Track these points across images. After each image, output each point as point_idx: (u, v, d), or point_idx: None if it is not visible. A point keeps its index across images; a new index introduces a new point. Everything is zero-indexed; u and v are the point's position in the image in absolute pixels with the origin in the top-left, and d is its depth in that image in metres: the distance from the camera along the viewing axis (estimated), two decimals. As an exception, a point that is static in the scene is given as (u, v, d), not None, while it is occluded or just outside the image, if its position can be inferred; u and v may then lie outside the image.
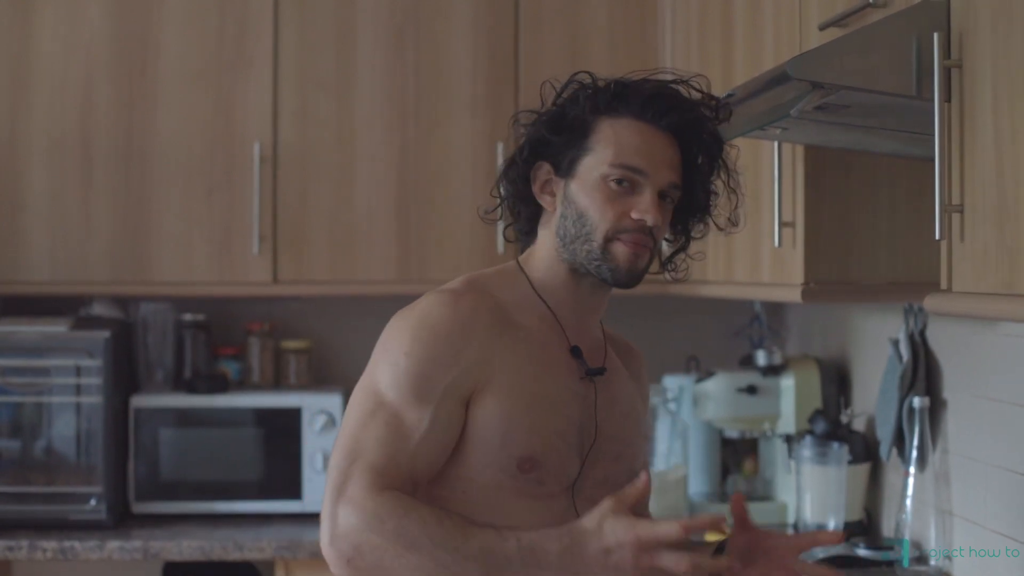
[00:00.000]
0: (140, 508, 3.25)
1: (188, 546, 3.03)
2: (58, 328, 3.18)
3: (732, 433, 3.27)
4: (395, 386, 1.72)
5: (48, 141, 3.26)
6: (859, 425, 2.98)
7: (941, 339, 2.61)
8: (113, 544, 3.03)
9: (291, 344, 3.53)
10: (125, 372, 3.33)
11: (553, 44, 3.31)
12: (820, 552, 2.68)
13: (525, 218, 1.87)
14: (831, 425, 2.92)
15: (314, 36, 3.29)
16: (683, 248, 1.91)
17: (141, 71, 3.27)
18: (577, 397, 1.80)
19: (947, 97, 1.58)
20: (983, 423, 2.45)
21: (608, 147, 1.77)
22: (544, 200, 1.84)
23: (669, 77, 1.82)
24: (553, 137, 1.81)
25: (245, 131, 3.27)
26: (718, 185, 1.84)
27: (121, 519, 3.23)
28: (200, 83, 3.28)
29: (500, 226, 2.00)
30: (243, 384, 3.51)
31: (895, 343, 2.70)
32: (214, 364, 3.51)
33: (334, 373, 3.61)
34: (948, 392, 2.59)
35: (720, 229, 1.91)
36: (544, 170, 1.82)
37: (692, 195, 1.83)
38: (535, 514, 1.72)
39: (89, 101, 3.26)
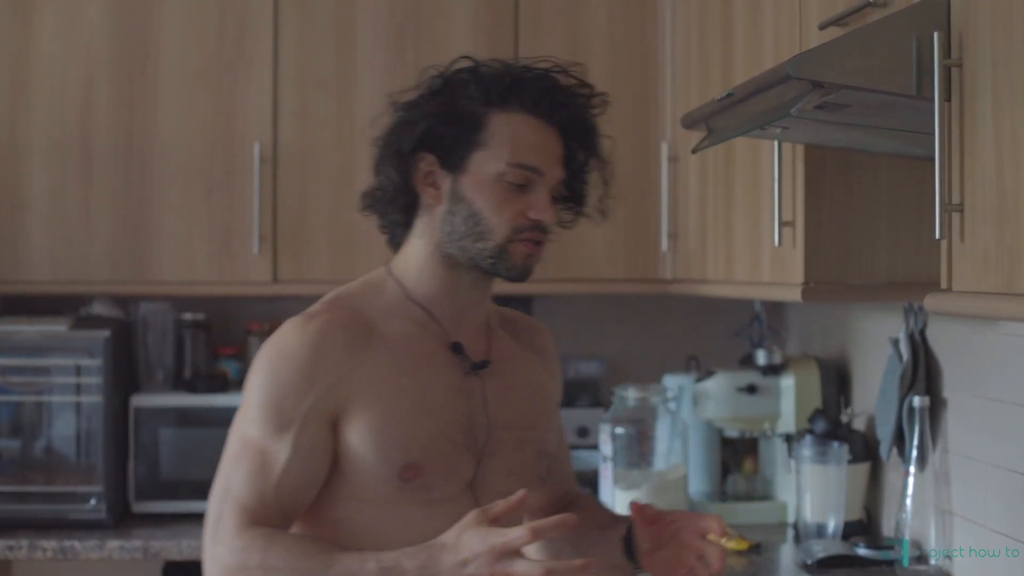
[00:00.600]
0: (140, 507, 3.25)
1: (188, 545, 3.03)
2: (58, 328, 3.18)
3: (732, 432, 3.27)
4: (254, 421, 1.72)
5: (48, 141, 3.26)
6: (859, 424, 2.99)
7: (941, 339, 2.62)
8: (113, 544, 3.03)
9: (291, 344, 3.52)
10: (125, 372, 3.33)
11: (553, 44, 3.31)
12: (820, 551, 2.68)
13: (401, 209, 1.82)
14: (831, 424, 2.92)
15: (314, 36, 3.29)
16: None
17: (141, 71, 3.27)
18: (463, 393, 1.78)
19: (947, 96, 1.58)
20: (983, 423, 2.45)
21: (504, 145, 1.74)
22: (427, 193, 1.78)
23: (547, 65, 1.80)
24: (444, 129, 1.75)
25: (245, 131, 3.27)
26: (592, 176, 1.86)
27: (121, 519, 3.23)
28: (200, 83, 3.28)
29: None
30: (243, 384, 3.50)
31: (895, 342, 2.70)
32: (214, 364, 3.51)
33: (334, 373, 3.61)
34: (948, 391, 2.59)
35: (590, 219, 1.90)
36: (427, 161, 1.77)
37: (570, 187, 1.83)
38: (434, 520, 1.70)
39: (89, 101, 3.26)
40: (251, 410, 1.74)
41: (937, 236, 1.58)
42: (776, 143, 2.31)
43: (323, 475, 1.73)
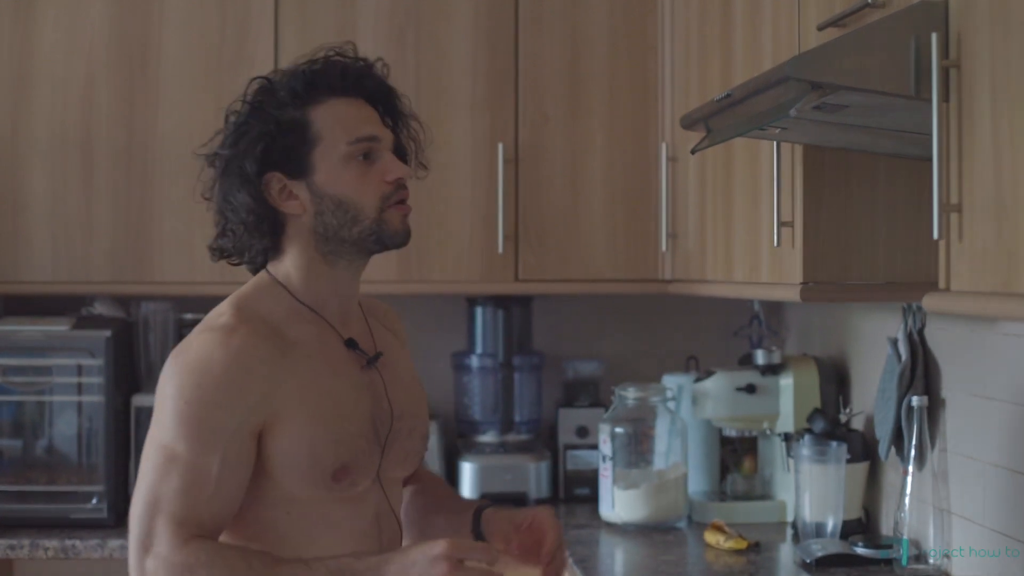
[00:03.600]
0: (141, 507, 3.25)
1: (189, 545, 3.04)
2: (59, 327, 3.19)
3: (731, 432, 3.27)
4: (183, 437, 1.75)
5: (49, 141, 3.26)
6: (858, 424, 2.99)
7: (939, 338, 2.62)
8: (114, 543, 3.04)
9: (291, 343, 3.53)
10: (126, 371, 3.34)
11: (553, 44, 3.32)
12: (819, 550, 2.69)
13: (269, 234, 1.87)
14: (830, 424, 2.93)
15: (315, 36, 3.29)
16: None
17: (142, 71, 3.28)
18: (365, 389, 1.88)
19: (945, 97, 1.58)
20: (981, 422, 2.45)
21: (335, 129, 1.83)
22: (289, 207, 1.85)
23: (324, 53, 1.89)
24: (276, 144, 1.82)
25: (246, 131, 3.27)
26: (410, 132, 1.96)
27: (122, 518, 3.22)
28: (201, 83, 3.28)
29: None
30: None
31: (894, 342, 2.70)
32: (215, 363, 3.51)
33: (334, 372, 3.62)
34: (947, 391, 2.60)
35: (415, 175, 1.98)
36: (276, 179, 1.84)
37: (398, 145, 1.93)
38: (354, 511, 1.85)
39: (90, 101, 3.27)
40: (175, 424, 1.75)
41: (935, 236, 1.58)
42: (775, 143, 2.32)
43: (247, 482, 1.79)
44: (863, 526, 2.92)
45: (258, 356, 1.78)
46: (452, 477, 3.47)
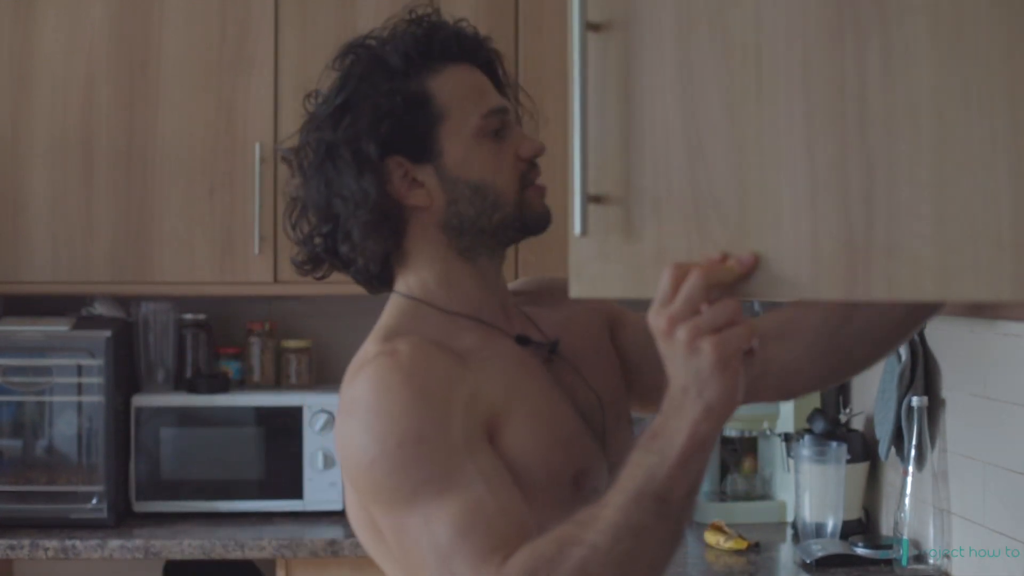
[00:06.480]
0: (141, 507, 3.26)
1: (189, 545, 3.04)
2: (59, 328, 3.19)
3: (731, 432, 3.27)
4: (420, 483, 1.37)
5: (49, 141, 3.26)
6: (858, 424, 2.99)
7: (940, 338, 2.62)
8: (114, 543, 3.04)
9: (292, 343, 3.53)
10: (126, 371, 3.34)
11: (553, 44, 3.32)
12: (819, 551, 2.69)
13: (391, 233, 1.52)
14: (830, 424, 2.93)
15: (315, 37, 3.30)
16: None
17: (142, 71, 3.28)
18: (558, 385, 1.54)
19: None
20: (981, 422, 2.45)
21: (462, 102, 1.53)
22: (416, 197, 1.52)
23: (422, 11, 1.61)
24: (398, 121, 1.50)
25: (246, 131, 3.27)
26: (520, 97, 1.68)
27: (122, 518, 3.24)
28: (201, 84, 3.28)
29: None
30: (244, 383, 3.52)
31: (894, 342, 2.71)
32: (215, 363, 3.52)
33: (335, 372, 3.62)
34: (947, 391, 2.60)
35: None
36: (398, 163, 1.51)
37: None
38: None
39: (90, 101, 3.27)
40: (400, 479, 1.38)
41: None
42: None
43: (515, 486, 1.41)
44: (863, 526, 2.93)
45: (441, 358, 1.43)
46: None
